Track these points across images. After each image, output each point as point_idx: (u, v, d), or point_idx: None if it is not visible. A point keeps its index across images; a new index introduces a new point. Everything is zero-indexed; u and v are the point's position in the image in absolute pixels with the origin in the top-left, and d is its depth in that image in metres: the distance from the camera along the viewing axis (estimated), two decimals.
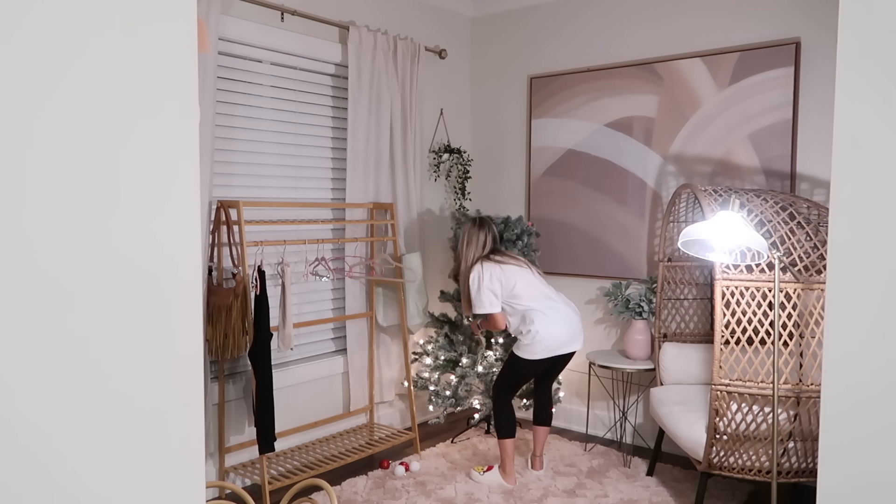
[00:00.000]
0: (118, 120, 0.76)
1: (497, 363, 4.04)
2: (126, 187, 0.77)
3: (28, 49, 0.68)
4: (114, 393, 0.77)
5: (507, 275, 3.44)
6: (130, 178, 0.77)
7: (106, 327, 0.76)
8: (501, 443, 3.51)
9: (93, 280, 0.74)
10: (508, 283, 3.42)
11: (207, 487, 1.40)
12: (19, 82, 0.68)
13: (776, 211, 2.99)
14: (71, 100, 0.72)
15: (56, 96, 0.71)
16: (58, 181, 0.71)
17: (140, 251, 0.78)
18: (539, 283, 3.49)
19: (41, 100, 0.70)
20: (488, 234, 3.52)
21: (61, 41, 0.71)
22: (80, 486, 0.75)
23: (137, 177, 0.78)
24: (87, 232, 0.74)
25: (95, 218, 0.74)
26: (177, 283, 0.82)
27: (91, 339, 0.75)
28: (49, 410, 0.72)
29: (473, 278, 3.45)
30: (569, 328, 3.43)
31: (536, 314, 3.38)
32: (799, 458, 2.84)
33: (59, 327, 0.72)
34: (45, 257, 0.70)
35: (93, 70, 0.73)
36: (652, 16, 4.02)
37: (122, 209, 0.77)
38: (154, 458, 0.81)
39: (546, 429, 3.67)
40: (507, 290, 3.43)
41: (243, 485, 3.52)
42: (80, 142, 0.73)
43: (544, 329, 3.37)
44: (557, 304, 3.45)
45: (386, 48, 4.01)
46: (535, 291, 3.44)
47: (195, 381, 0.85)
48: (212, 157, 3.25)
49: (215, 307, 3.19)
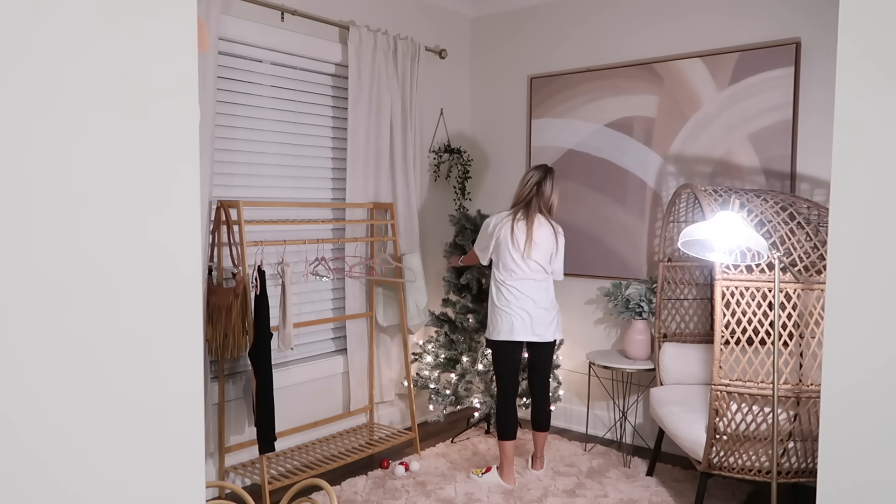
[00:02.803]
0: (118, 120, 0.76)
1: None
2: (126, 187, 0.77)
3: (28, 49, 0.68)
4: (114, 392, 0.77)
5: (504, 233, 3.39)
6: (130, 178, 0.77)
7: (106, 327, 0.76)
8: (500, 444, 3.51)
9: (93, 280, 0.74)
10: (501, 242, 3.40)
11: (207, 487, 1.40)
12: (19, 83, 0.68)
13: (776, 211, 2.99)
14: (71, 100, 0.72)
15: (56, 96, 0.71)
16: (58, 181, 0.71)
17: (140, 250, 0.78)
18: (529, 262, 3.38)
19: (41, 100, 0.70)
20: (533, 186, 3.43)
21: (61, 41, 0.71)
22: (81, 485, 0.75)
23: (137, 177, 0.78)
24: (87, 232, 0.74)
25: (96, 218, 0.74)
26: (177, 283, 0.82)
27: (91, 339, 0.75)
28: (49, 410, 0.72)
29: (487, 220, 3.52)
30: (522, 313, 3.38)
31: (499, 286, 3.42)
32: (799, 458, 2.84)
33: (60, 327, 0.72)
34: (45, 257, 0.70)
35: (93, 70, 0.73)
36: (652, 16, 4.02)
37: (123, 209, 0.77)
38: (154, 457, 0.81)
39: (544, 434, 3.63)
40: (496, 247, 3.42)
41: (243, 485, 3.52)
42: (81, 142, 0.73)
43: (495, 305, 3.43)
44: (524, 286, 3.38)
45: (386, 48, 4.01)
46: (517, 270, 3.38)
47: (195, 381, 0.85)
48: (212, 156, 3.25)
49: (215, 307, 3.19)
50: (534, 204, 3.41)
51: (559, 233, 3.48)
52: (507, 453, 3.48)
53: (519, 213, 3.42)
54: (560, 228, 3.50)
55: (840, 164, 1.33)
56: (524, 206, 3.42)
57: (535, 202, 3.41)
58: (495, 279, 3.45)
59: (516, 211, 3.43)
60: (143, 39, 0.77)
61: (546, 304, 3.44)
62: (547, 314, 3.43)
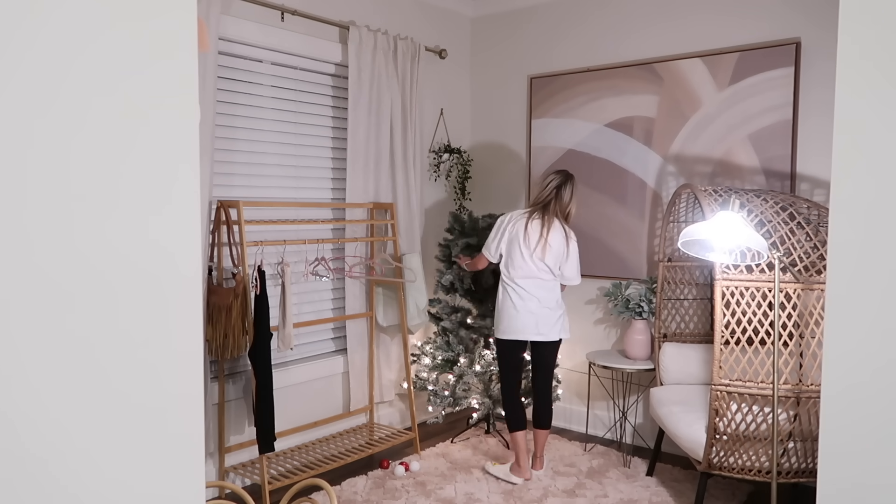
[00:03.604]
0: (118, 120, 0.76)
1: (494, 362, 4.04)
2: (126, 187, 0.77)
3: (28, 50, 0.68)
4: (114, 392, 0.77)
5: (517, 229, 3.44)
6: (130, 178, 0.77)
7: (106, 327, 0.76)
8: (512, 436, 3.56)
9: (93, 279, 0.74)
10: (512, 238, 3.44)
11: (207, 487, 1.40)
12: (19, 83, 0.68)
13: (776, 211, 2.99)
14: (71, 100, 0.72)
15: (56, 97, 0.71)
16: (58, 181, 0.71)
17: (140, 250, 0.78)
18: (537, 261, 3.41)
19: (41, 100, 0.69)
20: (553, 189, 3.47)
21: (61, 41, 0.71)
22: (80, 485, 0.75)
23: (137, 177, 0.78)
24: (87, 231, 0.74)
25: (95, 218, 0.74)
26: (177, 283, 0.82)
27: (91, 339, 0.75)
28: (49, 410, 0.72)
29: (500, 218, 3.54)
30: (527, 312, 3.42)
31: (506, 285, 3.47)
32: (799, 458, 2.84)
33: (60, 327, 0.72)
34: (44, 257, 0.70)
35: (93, 70, 0.73)
36: (652, 16, 4.02)
37: (123, 209, 0.77)
38: (154, 457, 0.81)
39: (545, 432, 3.65)
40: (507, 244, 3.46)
41: (243, 485, 3.52)
42: (80, 142, 0.73)
43: (501, 305, 3.48)
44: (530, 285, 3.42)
45: (386, 48, 4.01)
46: (524, 267, 3.42)
47: (195, 381, 0.85)
48: (212, 156, 3.25)
49: (215, 307, 3.19)
50: (551, 207, 3.46)
51: (571, 238, 3.51)
52: (520, 444, 3.52)
53: (535, 213, 3.47)
54: (573, 234, 3.55)
55: (840, 164, 1.33)
56: (541, 208, 3.47)
57: (553, 205, 3.46)
58: (502, 278, 3.50)
59: (533, 211, 3.48)
60: (143, 39, 0.77)
61: (551, 304, 3.47)
62: (552, 313, 3.46)
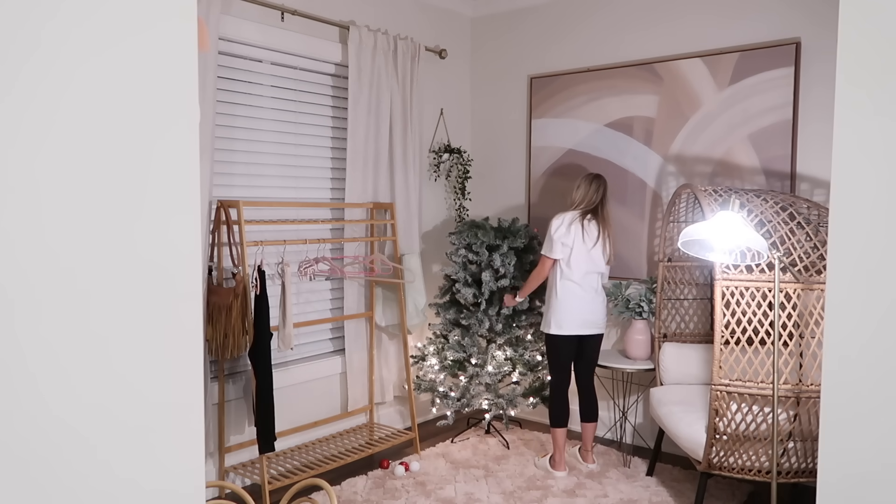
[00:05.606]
0: (118, 120, 0.76)
1: (506, 363, 4.05)
2: (126, 187, 0.77)
3: (28, 49, 0.68)
4: (114, 392, 0.77)
5: (575, 228, 3.53)
6: (130, 178, 0.77)
7: (105, 326, 0.76)
8: (553, 431, 3.67)
9: (93, 279, 0.74)
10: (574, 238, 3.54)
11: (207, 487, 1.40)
12: (21, 84, 0.68)
13: (776, 211, 2.99)
14: (71, 100, 0.72)
15: (56, 97, 0.71)
16: (58, 181, 0.71)
17: (140, 250, 0.78)
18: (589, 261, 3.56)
19: (41, 101, 0.69)
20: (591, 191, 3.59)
21: (61, 41, 0.71)
22: (81, 484, 0.75)
23: (137, 177, 0.78)
24: (86, 231, 0.73)
25: (95, 218, 0.74)
26: (177, 283, 0.82)
27: (90, 339, 0.75)
28: (49, 410, 0.72)
29: (552, 223, 3.59)
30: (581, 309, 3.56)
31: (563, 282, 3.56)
32: (799, 458, 2.84)
33: (59, 327, 0.72)
34: (44, 257, 0.70)
35: (93, 70, 0.73)
36: (652, 16, 4.02)
37: (122, 209, 0.76)
38: (154, 457, 0.81)
39: (594, 424, 3.77)
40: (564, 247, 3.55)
41: (243, 484, 3.52)
42: (80, 142, 0.73)
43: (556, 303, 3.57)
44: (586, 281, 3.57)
45: (386, 48, 4.01)
46: (583, 260, 3.54)
47: (195, 381, 0.85)
48: (212, 156, 3.25)
49: (215, 307, 3.19)
50: (600, 211, 3.60)
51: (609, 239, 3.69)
52: (557, 441, 3.64)
53: (588, 214, 3.58)
54: None
55: (840, 164, 1.33)
56: (592, 210, 3.59)
57: (600, 210, 3.61)
58: (559, 276, 3.58)
59: (584, 212, 3.58)
60: (143, 39, 0.77)
61: (600, 300, 3.64)
62: (601, 309, 3.64)
